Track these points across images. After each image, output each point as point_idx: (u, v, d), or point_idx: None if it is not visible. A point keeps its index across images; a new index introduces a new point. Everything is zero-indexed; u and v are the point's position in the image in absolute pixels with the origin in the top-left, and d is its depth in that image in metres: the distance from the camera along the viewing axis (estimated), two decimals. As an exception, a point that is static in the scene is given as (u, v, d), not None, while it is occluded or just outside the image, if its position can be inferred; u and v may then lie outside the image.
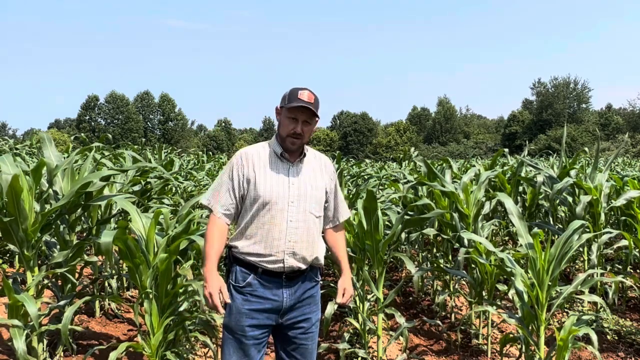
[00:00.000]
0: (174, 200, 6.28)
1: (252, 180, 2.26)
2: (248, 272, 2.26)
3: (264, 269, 2.25)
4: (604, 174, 4.87)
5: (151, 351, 2.81)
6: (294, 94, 2.25)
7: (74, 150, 4.35)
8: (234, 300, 2.26)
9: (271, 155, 2.33)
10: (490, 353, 3.97)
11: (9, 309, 2.87)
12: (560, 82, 63.83)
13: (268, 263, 2.24)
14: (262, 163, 2.30)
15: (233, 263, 2.32)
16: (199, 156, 15.54)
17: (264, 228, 2.24)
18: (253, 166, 2.29)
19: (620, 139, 45.05)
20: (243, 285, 2.26)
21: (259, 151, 2.35)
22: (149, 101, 68.90)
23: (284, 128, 2.29)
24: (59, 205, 3.11)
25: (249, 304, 2.25)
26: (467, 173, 4.77)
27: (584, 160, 8.64)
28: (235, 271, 2.29)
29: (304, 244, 2.28)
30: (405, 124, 68.33)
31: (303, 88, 2.28)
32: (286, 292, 2.28)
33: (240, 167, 2.29)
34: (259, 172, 2.27)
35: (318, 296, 2.43)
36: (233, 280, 2.29)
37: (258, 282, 2.25)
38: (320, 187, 2.37)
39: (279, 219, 2.24)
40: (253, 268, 2.26)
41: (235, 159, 2.33)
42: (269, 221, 2.24)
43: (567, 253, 2.93)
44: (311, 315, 2.38)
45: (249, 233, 2.27)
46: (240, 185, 2.28)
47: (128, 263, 2.91)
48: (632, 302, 5.14)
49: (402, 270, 6.45)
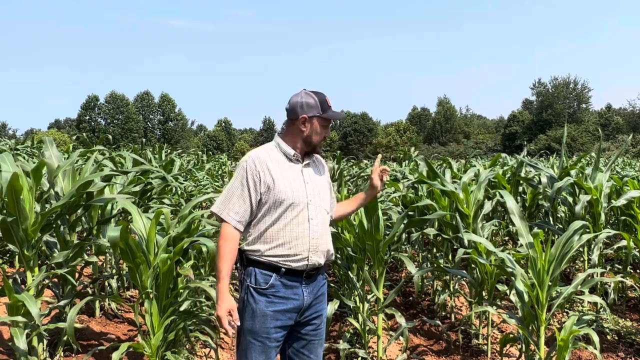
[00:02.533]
0: (174, 200, 6.28)
1: (271, 184, 2.26)
2: (270, 274, 2.25)
3: (287, 269, 2.26)
4: (605, 174, 4.87)
5: (151, 351, 2.81)
6: (325, 101, 2.34)
7: (75, 151, 4.36)
8: (257, 303, 2.24)
9: (282, 157, 2.35)
10: (490, 353, 3.97)
11: (9, 308, 2.87)
12: (560, 82, 63.84)
13: (293, 262, 2.26)
14: (277, 166, 2.31)
15: (248, 265, 2.30)
16: (199, 156, 15.56)
17: (287, 229, 2.26)
18: (268, 169, 2.28)
19: (621, 139, 45.03)
20: (266, 287, 2.25)
21: (270, 154, 2.35)
22: (149, 101, 68.89)
23: (318, 136, 2.35)
24: (59, 205, 3.11)
25: (273, 306, 2.25)
26: (467, 173, 4.77)
27: (584, 161, 8.64)
28: (254, 274, 2.27)
29: (323, 240, 2.34)
30: (405, 124, 68.28)
31: (324, 93, 2.36)
32: (306, 290, 2.31)
33: (255, 172, 2.27)
34: (276, 175, 2.27)
35: (326, 292, 2.49)
36: (253, 283, 2.26)
37: (280, 283, 2.26)
38: (325, 185, 2.47)
39: (302, 218, 2.28)
40: (275, 269, 2.26)
41: (247, 164, 2.29)
42: (292, 222, 2.26)
43: (567, 253, 2.93)
44: (322, 312, 2.43)
45: (270, 236, 2.26)
46: (257, 190, 2.26)
47: (128, 263, 2.91)
48: (632, 302, 5.14)
49: (402, 270, 6.45)
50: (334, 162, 9.77)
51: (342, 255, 3.85)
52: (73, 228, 3.57)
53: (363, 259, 3.67)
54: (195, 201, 3.67)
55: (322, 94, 2.36)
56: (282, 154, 2.36)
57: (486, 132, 71.62)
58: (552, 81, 64.66)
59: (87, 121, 63.56)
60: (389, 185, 6.23)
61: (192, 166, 11.16)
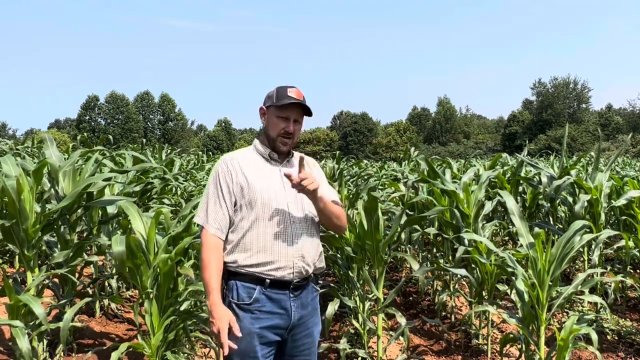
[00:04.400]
0: (174, 200, 6.28)
1: (244, 185, 2.09)
2: (253, 286, 2.06)
3: (272, 280, 2.06)
4: (605, 174, 4.87)
5: (151, 351, 2.81)
6: (283, 92, 2.14)
7: (75, 151, 4.36)
8: (241, 320, 2.04)
9: (258, 157, 2.20)
10: (490, 353, 3.97)
11: (10, 309, 2.87)
12: (560, 82, 63.91)
13: (277, 271, 2.06)
14: (251, 166, 2.15)
15: (230, 278, 2.10)
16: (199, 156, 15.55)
17: (267, 233, 2.07)
18: (241, 170, 2.12)
19: (621, 139, 45.02)
20: (250, 302, 2.05)
21: (244, 155, 2.20)
22: (149, 101, 68.93)
23: (274, 128, 2.16)
24: (59, 207, 3.12)
25: (259, 322, 2.05)
26: (467, 173, 4.77)
27: (584, 161, 8.64)
28: (236, 287, 2.07)
29: (309, 244, 2.14)
30: (405, 124, 68.30)
31: (290, 86, 2.17)
32: (293, 304, 2.11)
33: (227, 174, 2.11)
34: (250, 176, 2.11)
35: (318, 307, 2.28)
36: (235, 298, 2.07)
37: (265, 297, 2.06)
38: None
39: (282, 221, 2.09)
40: (258, 281, 2.06)
41: (219, 167, 2.14)
42: (271, 225, 2.07)
43: (568, 254, 2.93)
44: (313, 330, 2.22)
45: (248, 242, 2.07)
46: (231, 192, 2.09)
47: (129, 263, 2.91)
48: (632, 302, 5.14)
49: (402, 270, 6.45)
50: (334, 162, 9.77)
51: (342, 255, 3.85)
52: (73, 228, 3.57)
53: (363, 259, 3.67)
54: (195, 201, 3.67)
55: (289, 87, 2.16)
56: (258, 155, 2.21)
57: (486, 132, 71.62)
58: (552, 81, 64.83)
59: (87, 121, 63.60)
60: (389, 185, 6.24)
61: (192, 166, 11.16)
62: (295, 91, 2.15)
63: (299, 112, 2.18)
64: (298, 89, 2.17)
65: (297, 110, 2.17)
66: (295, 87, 2.17)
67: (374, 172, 9.21)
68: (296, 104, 2.13)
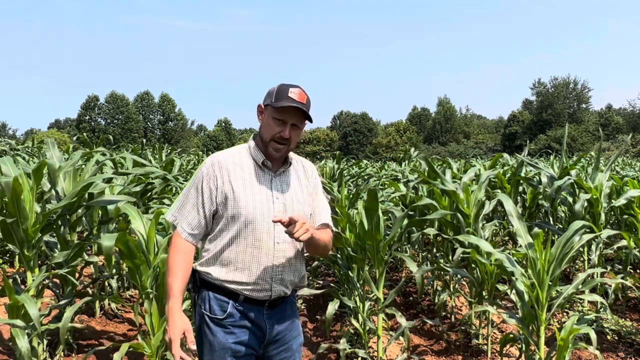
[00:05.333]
0: (174, 200, 6.27)
1: (229, 195, 1.89)
2: (226, 300, 1.91)
3: (246, 297, 1.92)
4: (605, 173, 4.87)
5: (151, 351, 2.81)
6: (284, 91, 1.89)
7: (75, 151, 4.37)
8: (215, 335, 1.91)
9: (250, 163, 1.96)
10: (490, 353, 3.97)
11: (9, 309, 2.87)
12: (560, 82, 63.91)
13: (252, 291, 1.91)
14: (240, 173, 1.93)
15: (202, 288, 1.95)
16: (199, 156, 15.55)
17: (247, 252, 1.89)
18: (229, 177, 1.91)
19: (621, 139, 45.03)
20: (223, 317, 1.91)
21: (234, 159, 1.96)
22: (149, 101, 68.95)
23: (268, 130, 1.92)
24: (59, 206, 3.12)
25: (233, 337, 1.92)
26: (467, 173, 4.77)
27: (584, 161, 8.65)
28: (208, 299, 1.93)
29: (291, 268, 1.97)
30: (405, 124, 68.30)
31: (294, 85, 1.92)
32: (269, 321, 1.96)
33: (212, 179, 1.91)
34: (237, 185, 1.90)
35: (298, 318, 2.13)
36: (207, 310, 1.93)
37: (238, 312, 1.92)
38: (306, 202, 2.03)
39: (266, 241, 1.90)
40: (232, 295, 1.92)
41: (205, 169, 1.93)
42: (253, 244, 1.89)
43: (567, 253, 2.93)
44: (292, 344, 2.06)
45: (226, 258, 1.90)
46: (213, 200, 1.91)
47: (128, 263, 2.91)
48: (632, 302, 5.14)
49: (402, 270, 6.45)
50: (334, 162, 9.77)
51: (342, 255, 3.85)
52: (73, 228, 3.57)
53: (363, 259, 3.67)
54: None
55: (293, 86, 1.92)
56: (251, 160, 1.98)
57: (486, 132, 71.63)
58: (552, 81, 64.82)
59: (87, 121, 63.64)
60: (389, 185, 6.24)
61: (192, 166, 11.16)
62: (298, 92, 1.90)
63: (299, 116, 1.92)
64: (302, 90, 1.92)
65: (296, 114, 1.91)
66: (298, 87, 1.92)
67: (374, 172, 9.21)
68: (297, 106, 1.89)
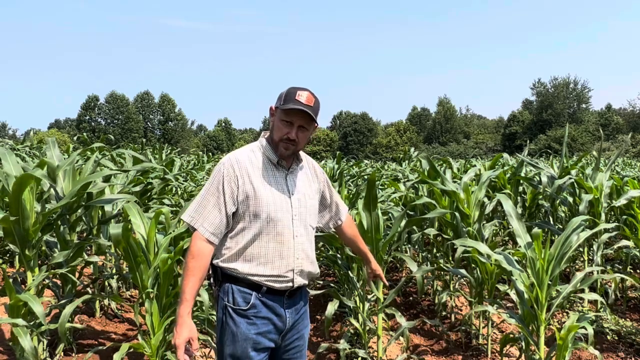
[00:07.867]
0: (174, 200, 6.28)
1: (250, 193, 1.99)
2: (249, 292, 2.02)
3: (268, 288, 2.03)
4: (605, 173, 4.88)
5: (152, 351, 2.81)
6: (292, 94, 2.00)
7: (75, 151, 4.37)
8: (238, 326, 2.01)
9: (265, 162, 2.08)
10: (490, 353, 3.97)
11: (10, 308, 2.87)
12: (560, 82, 63.94)
13: (275, 282, 2.03)
14: (258, 172, 2.04)
15: (225, 282, 2.05)
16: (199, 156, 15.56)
17: (269, 247, 2.01)
18: (249, 176, 2.01)
19: (621, 139, 45.04)
20: (247, 308, 2.01)
21: (251, 158, 2.07)
22: (149, 101, 68.97)
23: (277, 131, 2.05)
24: (59, 206, 3.12)
25: (255, 328, 2.02)
26: (468, 173, 4.77)
27: (584, 161, 8.65)
28: (232, 291, 2.02)
29: (308, 259, 2.11)
30: (405, 124, 68.35)
31: (303, 88, 2.03)
32: (287, 311, 2.09)
33: (233, 179, 2.00)
34: (257, 184, 2.01)
35: (308, 308, 2.27)
36: (230, 302, 2.02)
37: (261, 302, 2.03)
38: (314, 196, 2.19)
39: (287, 235, 2.03)
40: (255, 287, 2.03)
41: (224, 169, 2.01)
42: (275, 239, 2.01)
43: (566, 252, 2.93)
44: (304, 332, 2.21)
45: (250, 253, 2.01)
46: (234, 199, 1.99)
47: (129, 263, 2.91)
48: (632, 302, 5.14)
49: (402, 270, 6.45)
50: (334, 162, 9.77)
51: (342, 255, 3.85)
52: (73, 228, 3.57)
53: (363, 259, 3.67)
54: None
55: (301, 89, 2.03)
56: (266, 158, 2.09)
57: (486, 132, 71.63)
58: (552, 81, 64.85)
59: (87, 121, 63.67)
60: (389, 185, 6.24)
61: (192, 167, 11.17)
62: (306, 95, 2.01)
63: (306, 119, 2.04)
64: (310, 93, 2.03)
65: (303, 116, 2.02)
66: (307, 91, 2.03)
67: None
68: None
